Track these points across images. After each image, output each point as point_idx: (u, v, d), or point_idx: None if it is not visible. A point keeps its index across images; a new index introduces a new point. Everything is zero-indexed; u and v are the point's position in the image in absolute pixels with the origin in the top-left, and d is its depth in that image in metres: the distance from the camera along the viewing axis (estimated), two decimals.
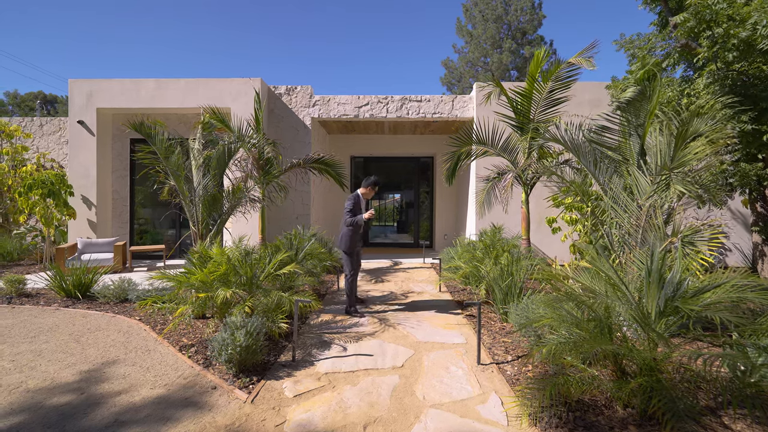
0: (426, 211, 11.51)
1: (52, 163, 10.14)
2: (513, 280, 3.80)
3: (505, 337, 3.55)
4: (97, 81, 8.30)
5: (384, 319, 4.19)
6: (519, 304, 3.71)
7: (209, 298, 3.00)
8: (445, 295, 5.31)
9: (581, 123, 4.19)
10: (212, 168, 4.27)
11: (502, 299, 3.93)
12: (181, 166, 4.17)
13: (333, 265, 5.52)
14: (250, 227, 7.48)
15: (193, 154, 4.29)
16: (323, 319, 4.15)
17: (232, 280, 3.12)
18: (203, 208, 4.12)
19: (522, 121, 6.00)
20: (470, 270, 4.63)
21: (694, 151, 2.48)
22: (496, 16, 25.06)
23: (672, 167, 2.52)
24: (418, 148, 10.79)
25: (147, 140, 4.34)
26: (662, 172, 2.62)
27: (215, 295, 2.91)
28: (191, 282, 3.06)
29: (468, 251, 5.34)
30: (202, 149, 4.36)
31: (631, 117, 3.10)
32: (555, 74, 5.32)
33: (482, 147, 6.40)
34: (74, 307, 4.70)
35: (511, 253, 4.40)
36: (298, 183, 7.67)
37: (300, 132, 8.44)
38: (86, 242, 7.34)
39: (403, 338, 3.60)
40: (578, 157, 3.72)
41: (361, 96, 8.44)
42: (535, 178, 6.18)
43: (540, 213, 7.82)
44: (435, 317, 4.26)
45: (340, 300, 5.03)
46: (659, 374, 1.86)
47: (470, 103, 8.38)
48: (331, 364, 3.01)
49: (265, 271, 3.52)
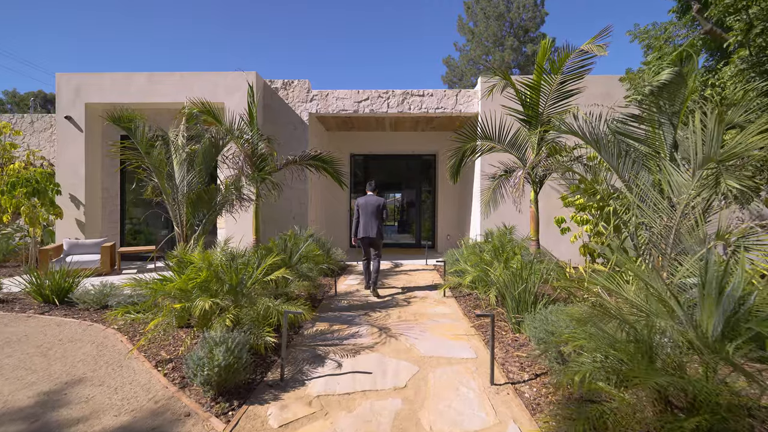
0: (428, 210, 11.15)
1: (42, 161, 9.80)
2: (527, 286, 3.44)
3: (518, 351, 3.20)
4: (86, 75, 7.96)
5: (385, 328, 3.84)
6: (535, 314, 3.35)
7: (185, 309, 2.66)
8: (450, 300, 4.95)
9: (600, 113, 3.84)
10: (197, 164, 3.92)
11: (515, 307, 3.58)
12: (163, 162, 3.83)
13: (330, 268, 5.16)
14: (244, 227, 7.13)
15: (174, 148, 3.94)
16: (318, 329, 3.80)
17: (213, 288, 2.78)
18: (187, 207, 3.77)
19: (531, 115, 5.65)
20: (478, 274, 4.28)
21: (749, 138, 2.11)
22: (498, 13, 24.71)
23: (721, 159, 2.17)
24: (420, 146, 10.43)
25: (128, 134, 3.99)
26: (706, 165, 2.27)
27: (193, 306, 2.56)
28: (167, 290, 2.72)
29: (474, 253, 4.99)
30: (186, 143, 4.01)
31: (664, 103, 2.74)
32: (565, 63, 4.96)
33: (488, 143, 6.04)
34: (50, 313, 4.36)
35: (523, 256, 4.04)
36: (294, 181, 7.31)
37: (297, 128, 8.09)
38: (72, 243, 7.00)
39: (405, 352, 3.24)
40: (598, 150, 3.36)
41: (361, 90, 8.08)
42: (546, 176, 5.83)
43: (548, 212, 7.46)
44: (440, 326, 3.90)
45: (338, 306, 4.68)
46: (724, 411, 1.51)
47: (474, 97, 8.01)
48: (324, 384, 2.66)
49: (253, 277, 3.17)
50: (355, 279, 6.39)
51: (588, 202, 6.98)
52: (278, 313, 2.84)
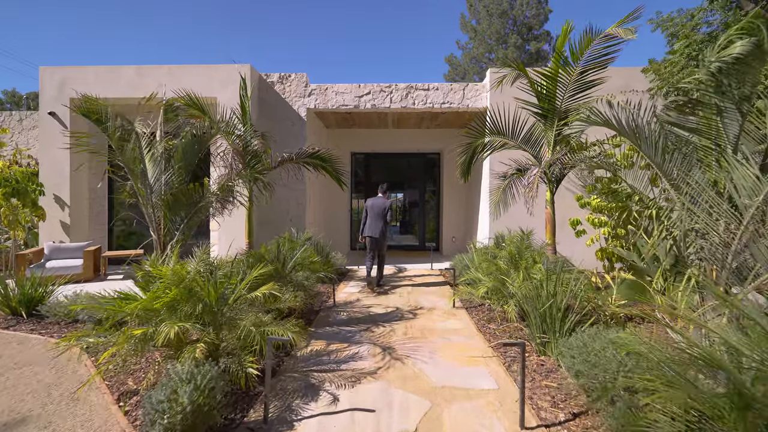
0: (432, 211, 10.67)
1: (30, 159, 9.36)
2: (555, 302, 2.96)
3: (547, 380, 2.72)
4: (71, 68, 7.52)
5: (389, 347, 3.37)
6: (565, 334, 2.88)
7: (148, 336, 2.19)
8: (460, 312, 4.48)
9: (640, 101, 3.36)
10: (176, 161, 3.47)
11: (539, 325, 3.10)
12: (136, 159, 3.37)
13: (329, 276, 4.70)
14: (238, 230, 6.67)
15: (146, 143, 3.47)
16: (314, 349, 3.33)
17: (183, 308, 2.31)
18: (164, 210, 3.32)
19: (547, 108, 5.17)
20: (494, 284, 3.80)
21: None
22: (501, 11, 24.30)
23: None
24: (424, 144, 9.95)
25: (99, 127, 3.54)
26: None
27: (156, 333, 2.10)
28: (128, 311, 2.26)
29: (487, 260, 4.51)
30: (164, 138, 3.55)
31: (730, 85, 2.26)
32: (587, 50, 4.48)
33: (500, 138, 5.57)
34: (16, 328, 3.90)
35: (544, 265, 3.56)
36: (291, 181, 6.85)
37: (295, 124, 7.62)
38: (53, 247, 6.56)
39: (413, 380, 2.77)
40: (638, 144, 2.88)
41: (362, 84, 7.61)
42: (563, 175, 5.35)
43: (561, 214, 6.96)
44: (452, 346, 3.43)
45: (336, 319, 4.21)
46: None
47: (483, 91, 7.53)
48: (317, 426, 2.19)
49: (236, 292, 2.71)
50: (355, 286, 5.92)
51: (606, 202, 6.51)
52: (261, 338, 2.37)
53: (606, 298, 3.69)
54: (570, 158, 5.17)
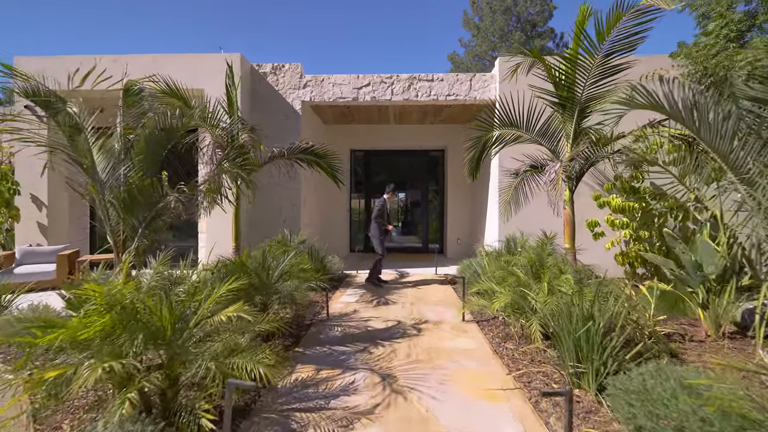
0: (435, 211, 10.11)
1: (11, 158, 8.86)
2: (595, 326, 2.40)
3: (587, 423, 2.17)
4: (48, 59, 7.01)
5: (389, 375, 2.82)
6: (607, 364, 2.33)
7: (63, 380, 1.66)
8: (471, 327, 3.93)
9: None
10: (136, 153, 2.93)
11: (572, 351, 2.54)
12: (88, 152, 2.85)
13: (321, 286, 4.15)
14: (224, 234, 6.14)
15: (96, 130, 2.94)
16: (299, 377, 2.78)
17: (122, 338, 1.77)
18: (121, 210, 2.79)
19: (566, 96, 4.63)
20: (513, 298, 3.25)
21: None
22: (505, 7, 23.79)
23: None
24: (427, 141, 9.39)
25: (51, 116, 3.01)
26: None
27: (75, 376, 1.57)
28: (46, 343, 1.73)
29: (501, 268, 3.95)
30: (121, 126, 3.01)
31: None
32: (614, 29, 3.92)
33: (514, 131, 5.02)
34: None
35: (576, 277, 3.01)
36: (284, 179, 6.31)
37: (289, 118, 7.09)
38: (26, 251, 6.04)
39: (420, 423, 2.22)
40: (696, 130, 2.34)
41: (361, 75, 7.07)
42: (583, 171, 4.81)
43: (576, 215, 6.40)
44: (465, 373, 2.88)
45: (329, 336, 3.67)
46: None
47: (492, 82, 6.97)
48: None
49: (199, 313, 2.17)
50: (353, 294, 5.38)
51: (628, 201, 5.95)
52: (221, 379, 1.83)
53: (644, 313, 3.13)
54: (594, 152, 4.63)
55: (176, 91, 4.00)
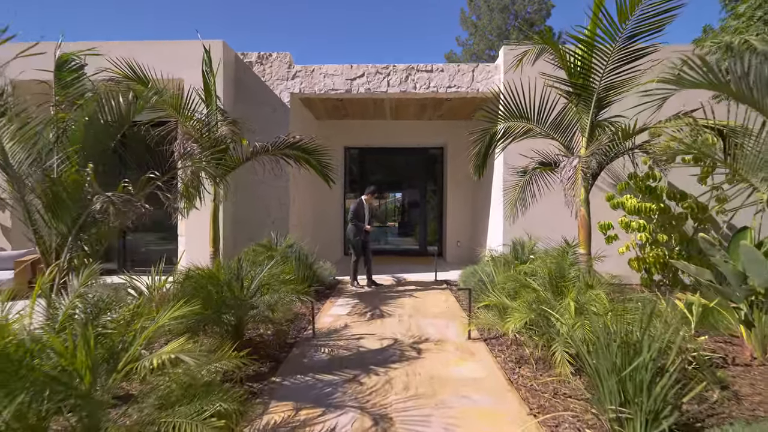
0: (433, 211, 9.60)
1: None
2: (645, 361, 1.90)
3: None
4: (17, 46, 6.39)
5: (383, 416, 2.29)
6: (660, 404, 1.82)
7: None
8: (479, 348, 3.40)
9: None
10: (70, 142, 2.38)
11: (614, 392, 2.03)
12: None
13: (305, 300, 3.59)
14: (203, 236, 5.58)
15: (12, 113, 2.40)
16: (273, 420, 2.25)
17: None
18: (48, 210, 2.25)
19: (581, 84, 4.16)
20: (531, 317, 2.73)
21: None
22: (503, 6, 23.45)
23: None
24: (426, 138, 8.87)
25: None
26: None
27: None
28: None
29: (514, 279, 3.44)
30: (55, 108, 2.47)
31: None
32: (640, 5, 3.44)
33: (524, 123, 4.53)
34: None
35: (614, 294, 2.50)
36: (269, 177, 5.75)
37: (277, 111, 6.54)
38: None
39: None
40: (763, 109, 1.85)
41: (355, 65, 6.53)
42: (600, 168, 4.34)
43: None
44: (476, 413, 2.35)
45: (314, 360, 3.13)
46: None
47: (496, 73, 6.46)
48: None
49: (130, 352, 1.64)
50: (344, 305, 4.85)
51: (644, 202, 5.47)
52: None
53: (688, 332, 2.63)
54: (614, 146, 4.15)
55: (134, 71, 3.45)
